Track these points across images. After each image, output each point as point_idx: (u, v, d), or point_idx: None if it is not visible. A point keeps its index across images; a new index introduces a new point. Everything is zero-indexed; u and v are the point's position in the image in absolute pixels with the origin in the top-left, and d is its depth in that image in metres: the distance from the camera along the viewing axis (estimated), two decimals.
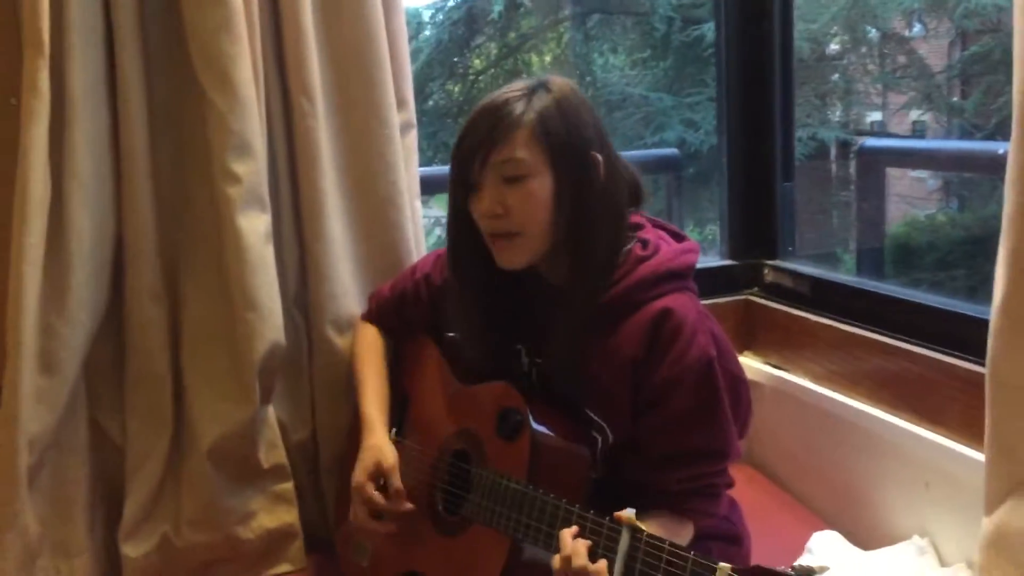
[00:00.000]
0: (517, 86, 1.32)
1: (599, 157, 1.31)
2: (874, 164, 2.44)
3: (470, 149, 1.30)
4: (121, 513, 1.61)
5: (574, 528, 1.18)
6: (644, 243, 1.35)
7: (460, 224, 1.37)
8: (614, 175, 1.33)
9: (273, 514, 1.67)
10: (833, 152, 5.79)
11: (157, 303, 1.60)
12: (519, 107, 1.29)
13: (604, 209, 1.31)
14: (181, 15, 1.51)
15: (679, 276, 1.34)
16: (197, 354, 1.63)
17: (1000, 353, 1.28)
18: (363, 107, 1.64)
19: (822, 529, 1.66)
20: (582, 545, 1.16)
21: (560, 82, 1.33)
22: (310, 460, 1.74)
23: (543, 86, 1.31)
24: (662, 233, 1.40)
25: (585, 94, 1.37)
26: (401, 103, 1.70)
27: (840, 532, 1.65)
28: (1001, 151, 1.27)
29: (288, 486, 1.69)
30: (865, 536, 1.64)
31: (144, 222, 1.56)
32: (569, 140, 1.29)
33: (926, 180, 6.65)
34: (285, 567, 1.69)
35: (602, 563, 1.13)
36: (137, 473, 1.62)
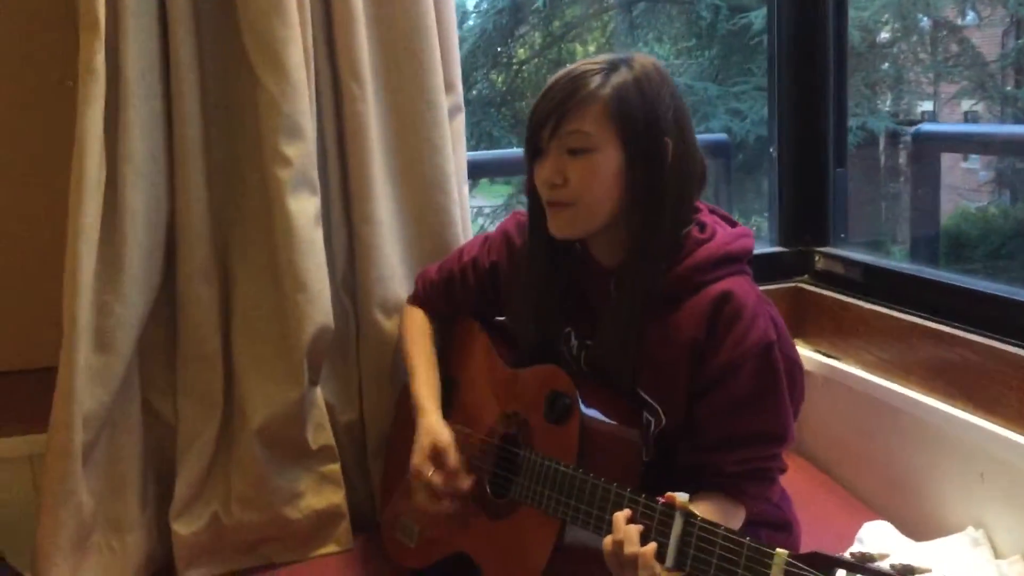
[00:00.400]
0: (600, 59, 1.31)
1: (670, 141, 1.29)
2: (929, 150, 2.39)
3: (542, 116, 1.29)
4: (172, 491, 1.64)
5: (627, 512, 1.17)
6: (702, 226, 1.34)
7: (531, 188, 1.37)
8: (686, 160, 1.31)
9: (320, 495, 1.69)
10: (883, 142, 5.69)
11: (208, 284, 1.62)
12: (596, 80, 1.27)
13: (672, 193, 1.30)
14: None
15: (737, 260, 1.33)
16: (247, 335, 1.65)
17: None
18: (412, 90, 1.65)
19: (873, 519, 1.64)
20: (635, 531, 1.15)
21: (644, 60, 1.31)
22: (357, 442, 1.76)
23: (625, 63, 1.30)
24: (716, 218, 1.39)
25: None
26: (449, 86, 1.70)
27: (892, 522, 1.62)
28: None
29: (335, 467, 1.70)
30: (918, 527, 1.62)
31: (196, 204, 1.58)
32: (644, 121, 1.27)
33: (977, 172, 6.52)
34: (332, 547, 1.70)
35: (652, 546, 1.12)
36: (188, 452, 1.64)
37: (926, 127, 4.27)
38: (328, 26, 1.59)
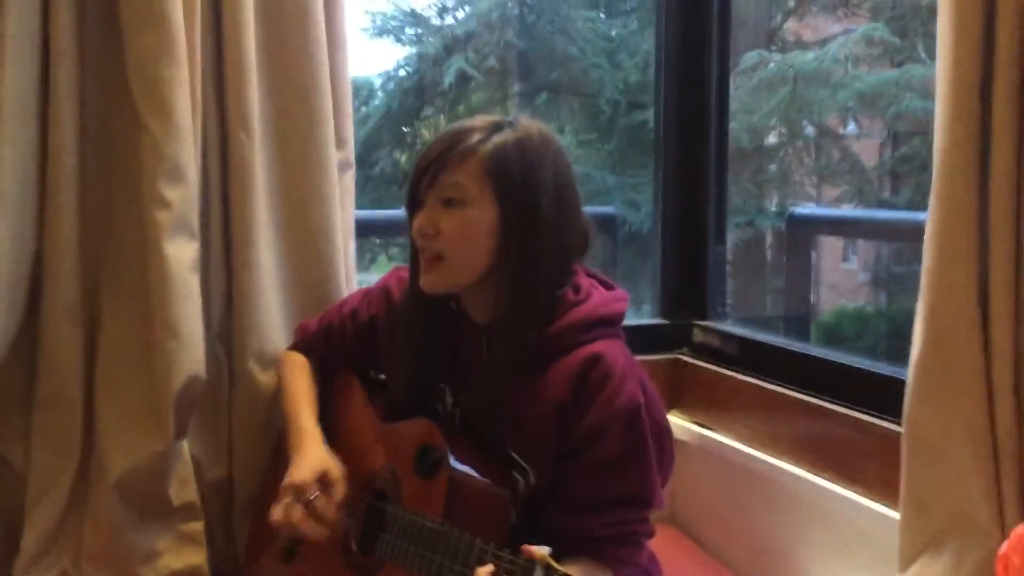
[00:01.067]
0: (486, 118, 1.33)
1: (546, 202, 1.30)
2: (803, 232, 2.51)
3: (421, 168, 1.31)
4: (18, 546, 1.54)
5: (489, 567, 1.15)
6: (576, 288, 1.36)
7: (412, 242, 1.36)
8: (564, 224, 1.33)
9: (180, 555, 1.61)
10: (769, 239, 5.94)
11: (74, 325, 1.55)
12: (477, 136, 1.30)
13: (546, 254, 1.31)
14: (120, 35, 1.50)
15: (609, 323, 1.35)
16: (112, 381, 1.58)
17: (916, 408, 1.30)
18: (302, 140, 1.64)
19: None
20: None
21: (529, 124, 1.33)
22: (223, 499, 1.69)
23: (510, 124, 1.32)
24: (593, 281, 1.41)
25: None
26: (340, 141, 1.70)
27: None
28: (923, 217, 1.32)
29: (198, 526, 1.63)
30: None
31: (66, 241, 1.52)
32: (521, 180, 1.29)
33: (856, 273, 6.85)
34: None
35: None
36: (38, 504, 1.55)
37: (799, 210, 4.48)
38: (219, 70, 1.58)
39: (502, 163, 1.29)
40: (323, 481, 1.36)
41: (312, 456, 1.39)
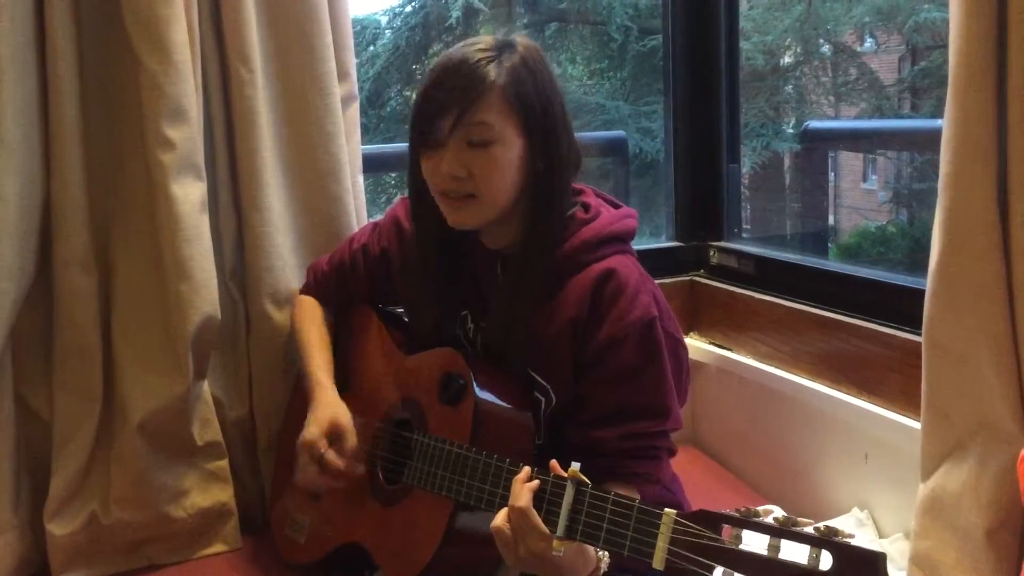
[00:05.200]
0: (484, 43, 1.28)
1: (559, 123, 1.29)
2: (820, 148, 2.46)
3: (438, 107, 1.26)
4: (47, 490, 1.56)
5: (535, 483, 1.15)
6: (586, 207, 1.35)
7: (418, 179, 1.34)
8: (573, 143, 1.33)
9: (207, 492, 1.63)
10: (787, 162, 5.86)
11: (87, 273, 1.55)
12: (492, 69, 1.25)
13: (564, 174, 1.31)
14: None
15: (620, 239, 1.34)
16: (128, 326, 1.59)
17: (936, 315, 1.28)
18: (303, 76, 1.62)
19: (763, 504, 1.65)
20: (527, 490, 1.13)
21: (524, 41, 1.30)
22: (247, 438, 1.71)
23: (510, 45, 1.28)
24: (601, 200, 1.40)
25: None
26: (343, 74, 1.68)
27: (781, 507, 1.63)
28: (940, 124, 1.29)
29: (223, 464, 1.65)
30: (806, 511, 1.60)
31: (74, 189, 1.51)
32: (540, 106, 1.27)
33: (877, 192, 6.76)
34: (219, 547, 1.65)
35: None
36: (64, 449, 1.57)
37: (814, 124, 4.39)
38: (215, 7, 1.55)
39: (521, 91, 1.26)
40: (333, 432, 1.37)
41: (320, 410, 1.40)
